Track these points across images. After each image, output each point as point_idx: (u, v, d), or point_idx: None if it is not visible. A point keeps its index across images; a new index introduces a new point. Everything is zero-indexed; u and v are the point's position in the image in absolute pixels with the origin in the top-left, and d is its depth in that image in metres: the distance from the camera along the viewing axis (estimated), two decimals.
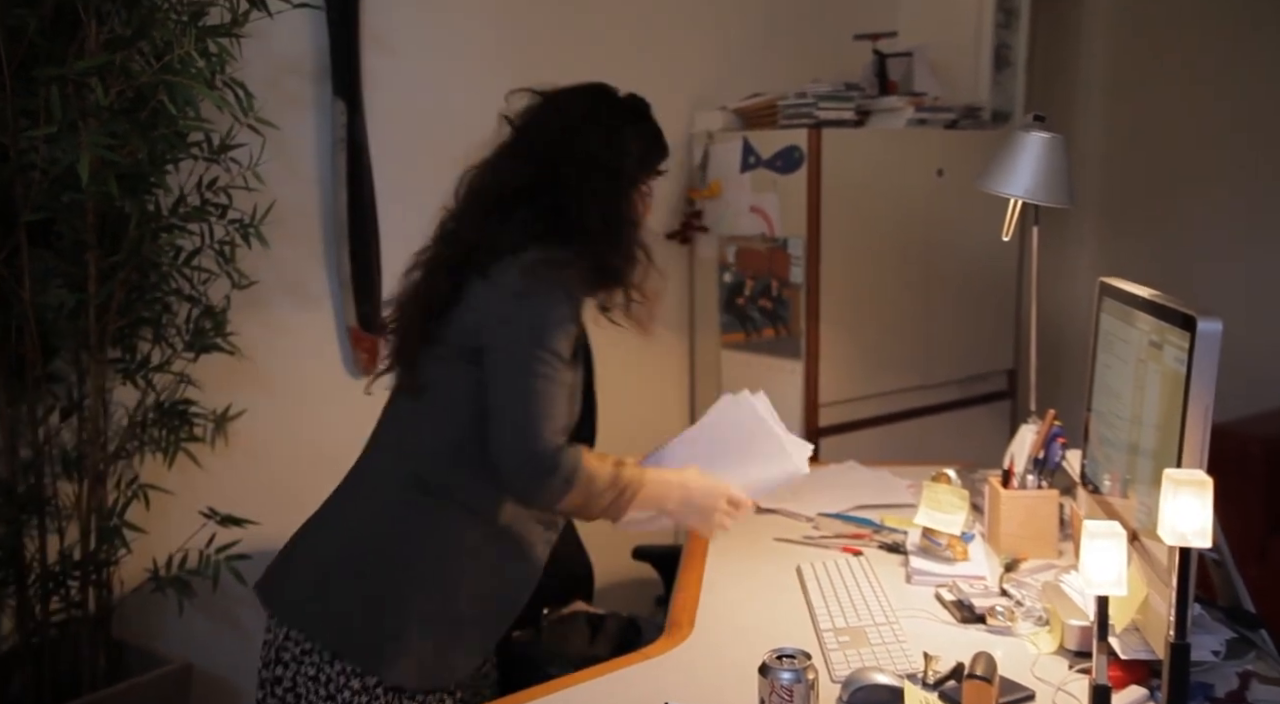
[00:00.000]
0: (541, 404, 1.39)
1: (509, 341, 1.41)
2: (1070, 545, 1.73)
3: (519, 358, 1.40)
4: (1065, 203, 1.86)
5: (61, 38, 1.82)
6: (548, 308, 1.41)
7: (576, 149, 1.49)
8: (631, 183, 1.52)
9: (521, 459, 1.39)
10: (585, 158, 1.48)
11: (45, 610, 1.98)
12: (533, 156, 1.50)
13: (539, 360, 1.39)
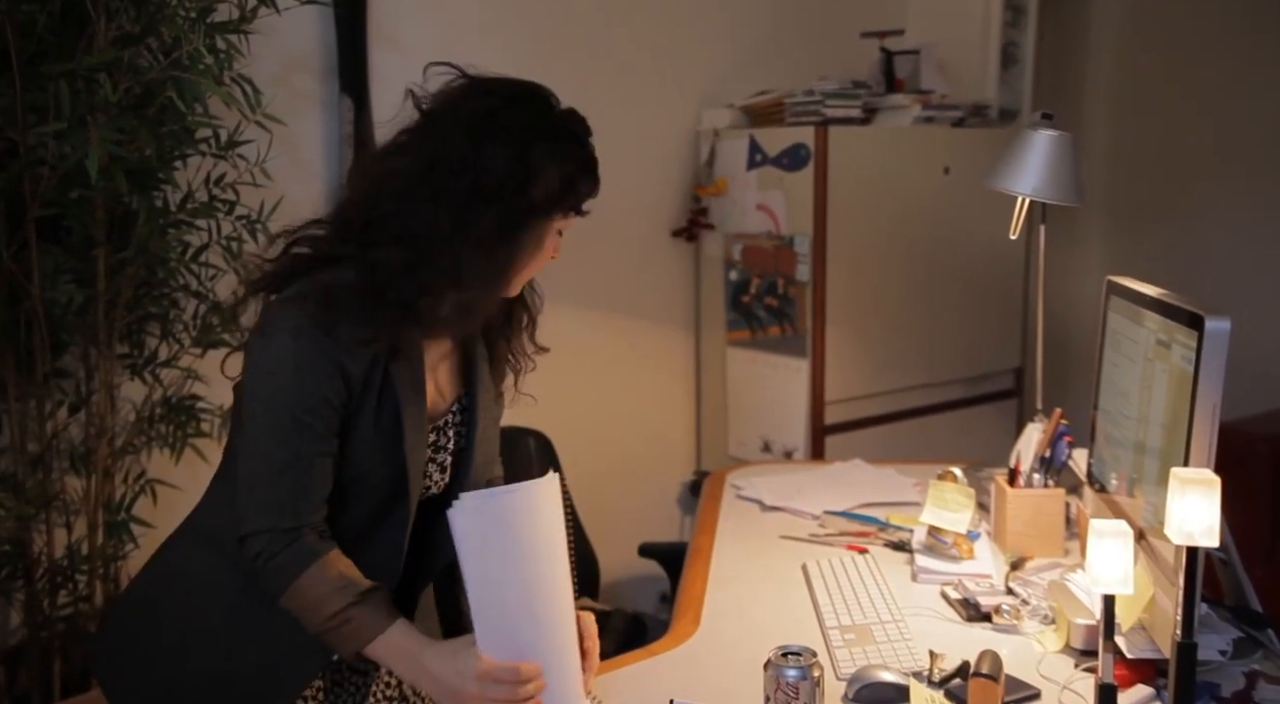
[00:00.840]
0: (250, 479, 1.19)
1: (245, 388, 1.22)
2: (1076, 544, 1.73)
3: (246, 410, 1.20)
4: (1074, 201, 1.86)
5: (70, 34, 1.82)
6: (286, 355, 1.17)
7: (479, 157, 1.20)
8: (533, 213, 1.23)
9: (242, 531, 1.19)
10: (481, 171, 1.20)
11: (53, 605, 1.99)
12: (423, 153, 1.23)
13: (262, 420, 1.18)
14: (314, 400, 1.18)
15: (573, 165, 1.25)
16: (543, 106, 1.28)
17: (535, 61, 2.75)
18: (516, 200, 1.20)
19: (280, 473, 1.18)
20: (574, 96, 3.10)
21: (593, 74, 2.86)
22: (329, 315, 1.17)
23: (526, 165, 1.21)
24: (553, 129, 1.26)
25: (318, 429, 1.18)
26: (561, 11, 2.79)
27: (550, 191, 1.23)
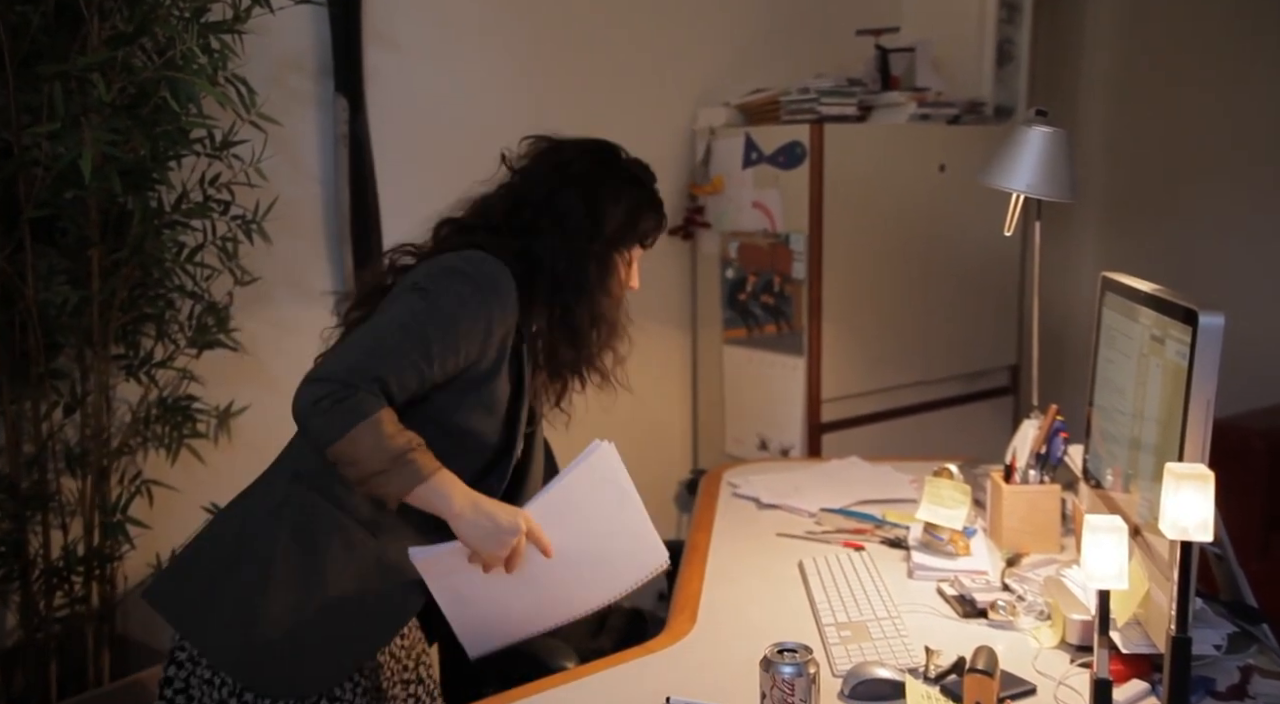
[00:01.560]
0: (375, 340, 1.32)
1: (401, 290, 1.38)
2: (1072, 540, 1.73)
3: (394, 301, 1.37)
4: (1068, 198, 1.86)
5: (64, 34, 1.82)
6: (461, 281, 1.36)
7: (556, 203, 1.47)
8: (607, 247, 1.49)
9: (315, 375, 1.29)
10: (560, 214, 1.46)
11: (49, 606, 1.99)
12: (516, 202, 1.49)
13: (410, 307, 1.34)
14: (462, 329, 1.35)
15: (633, 202, 1.51)
16: (614, 157, 1.56)
17: (532, 60, 2.76)
18: (601, 237, 1.47)
19: (382, 354, 1.30)
20: (570, 95, 3.13)
21: (589, 73, 2.86)
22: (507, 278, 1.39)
23: (593, 205, 1.47)
24: (615, 174, 1.53)
25: (438, 351, 1.33)
26: (558, 10, 2.79)
27: (615, 227, 1.48)
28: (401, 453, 1.27)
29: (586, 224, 1.46)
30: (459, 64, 2.65)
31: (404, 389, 1.32)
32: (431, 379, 1.35)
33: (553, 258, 1.44)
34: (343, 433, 1.25)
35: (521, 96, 2.75)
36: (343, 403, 1.26)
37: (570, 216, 1.45)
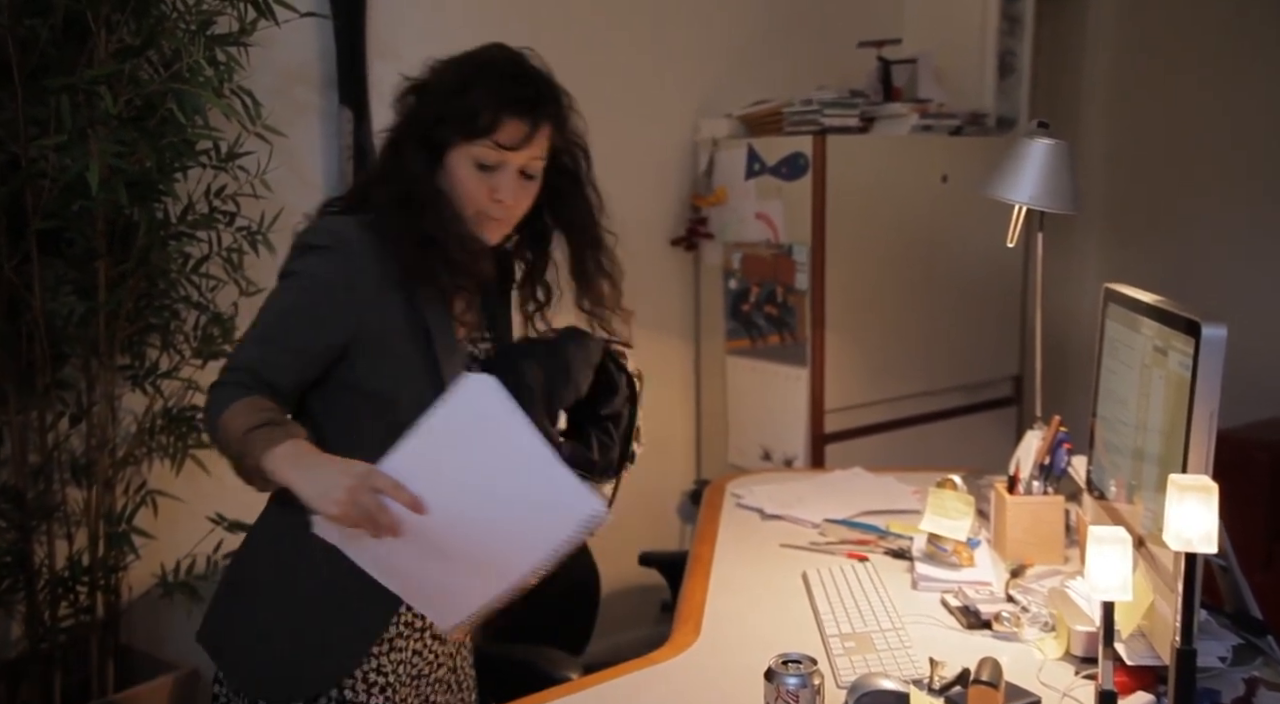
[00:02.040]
0: (250, 332, 1.30)
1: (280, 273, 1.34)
2: (1076, 551, 1.73)
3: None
4: (1070, 209, 1.87)
5: (71, 47, 1.83)
6: (309, 254, 1.30)
7: (409, 104, 1.36)
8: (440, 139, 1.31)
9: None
10: (406, 113, 1.35)
11: (54, 616, 1.99)
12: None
13: (274, 293, 1.31)
14: (319, 299, 1.28)
15: (475, 92, 1.31)
16: (473, 52, 1.38)
17: None
18: (425, 129, 1.31)
19: (253, 342, 1.29)
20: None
21: (591, 84, 2.85)
22: (352, 235, 1.30)
23: (432, 96, 1.33)
24: (463, 63, 1.36)
25: (303, 327, 1.29)
26: (560, 21, 2.80)
27: (447, 116, 1.30)
28: (247, 432, 1.20)
29: (404, 125, 1.34)
30: None
31: (286, 371, 1.28)
32: (317, 352, 1.29)
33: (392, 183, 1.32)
34: (212, 430, 1.24)
35: None
36: (209, 405, 1.25)
37: (413, 114, 1.34)
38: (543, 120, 1.34)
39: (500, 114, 1.30)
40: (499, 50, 1.39)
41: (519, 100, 1.31)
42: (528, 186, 1.36)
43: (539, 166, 1.36)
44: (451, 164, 1.32)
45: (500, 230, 1.37)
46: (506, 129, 1.30)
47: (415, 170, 1.32)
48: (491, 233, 1.36)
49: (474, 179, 1.32)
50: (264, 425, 1.20)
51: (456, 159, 1.32)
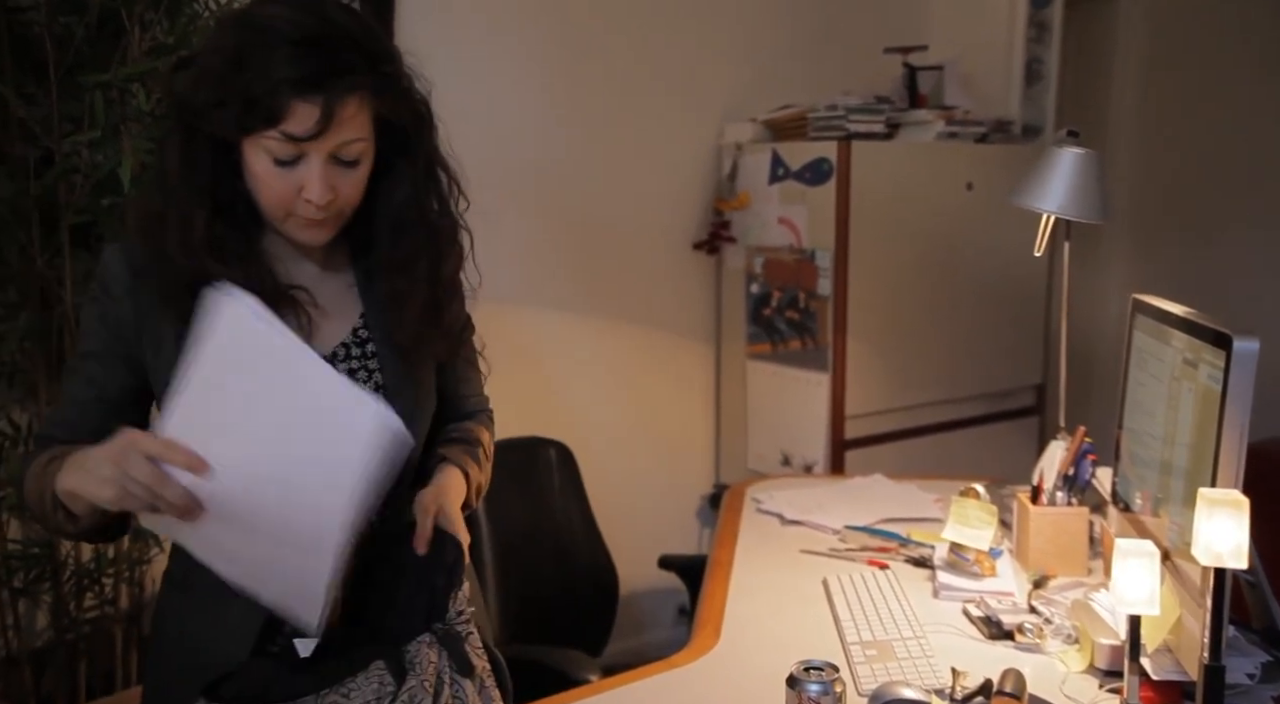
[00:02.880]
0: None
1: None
2: (1100, 563, 1.72)
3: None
4: (1099, 219, 1.86)
5: (105, 45, 1.85)
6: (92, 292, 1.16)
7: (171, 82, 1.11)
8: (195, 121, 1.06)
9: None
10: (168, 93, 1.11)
11: (79, 607, 2.01)
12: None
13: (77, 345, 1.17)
14: (93, 338, 1.15)
15: (249, 70, 1.01)
16: (249, 7, 1.07)
17: (558, 75, 2.78)
18: (192, 118, 1.07)
19: (60, 404, 1.17)
20: (596, 110, 3.15)
21: (615, 88, 2.88)
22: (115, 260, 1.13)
23: (201, 75, 1.05)
24: (236, 26, 1.05)
25: (89, 371, 1.14)
26: (584, 24, 2.81)
27: (219, 102, 1.03)
28: (39, 475, 1.08)
29: (170, 113, 1.10)
30: (485, 79, 2.67)
31: (75, 425, 1.14)
32: (113, 396, 1.15)
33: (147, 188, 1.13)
34: (23, 501, 1.11)
35: (547, 112, 2.77)
36: (24, 479, 1.12)
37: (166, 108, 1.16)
38: (344, 95, 1.04)
39: (283, 97, 1.01)
40: (279, 5, 1.05)
41: (305, 77, 1.02)
42: (349, 175, 1.10)
43: (359, 148, 1.09)
44: (246, 158, 1.07)
45: (323, 230, 1.13)
46: (295, 115, 1.02)
47: (172, 169, 1.09)
48: (311, 234, 1.13)
49: (273, 176, 1.07)
50: (52, 460, 1.07)
51: (249, 152, 1.07)
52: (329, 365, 1.03)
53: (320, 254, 1.20)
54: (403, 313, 1.19)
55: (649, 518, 3.03)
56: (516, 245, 2.76)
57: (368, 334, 1.21)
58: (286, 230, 1.13)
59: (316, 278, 1.20)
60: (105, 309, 1.14)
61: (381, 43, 1.10)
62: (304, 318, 1.16)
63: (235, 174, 1.10)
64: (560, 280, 2.86)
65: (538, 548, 2.26)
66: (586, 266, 2.91)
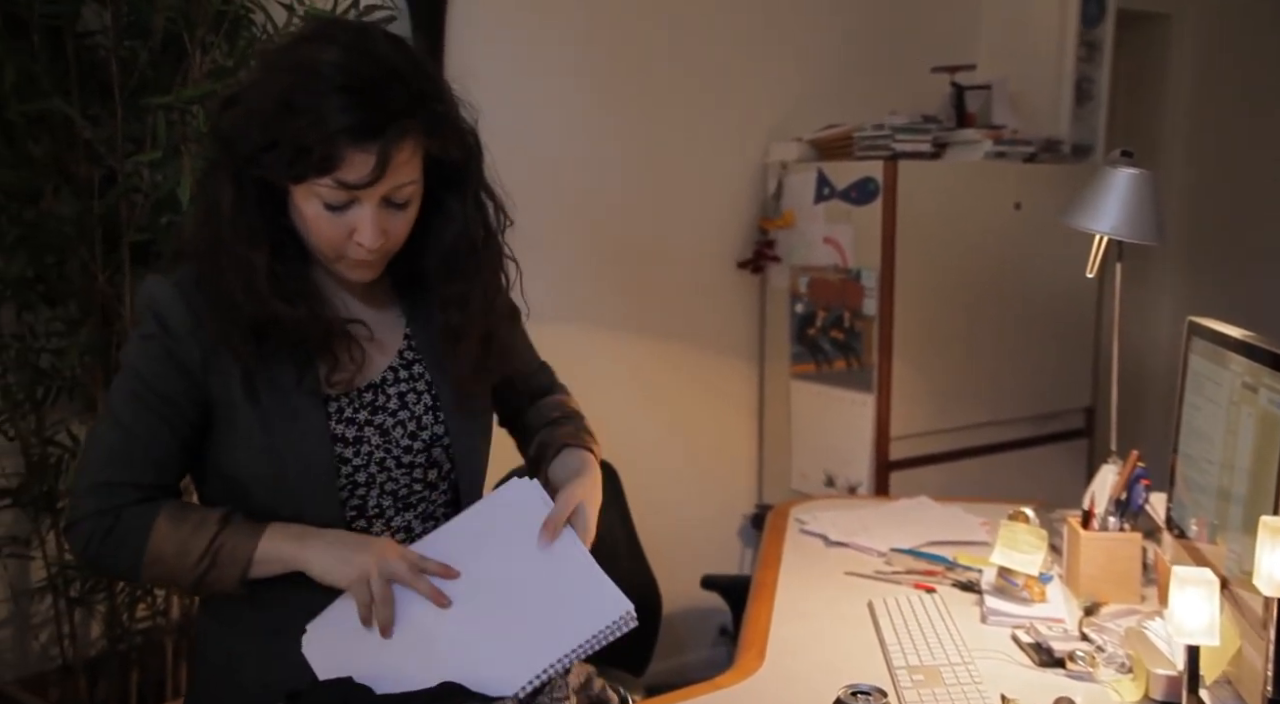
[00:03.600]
0: (90, 446, 1.14)
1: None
2: (1154, 591, 1.69)
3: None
4: (1154, 240, 1.83)
5: (167, 68, 1.90)
6: (134, 336, 1.14)
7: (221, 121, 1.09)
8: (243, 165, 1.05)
9: (68, 522, 1.13)
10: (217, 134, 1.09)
11: (132, 618, 2.04)
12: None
13: (111, 395, 1.14)
14: (150, 376, 1.11)
15: (300, 117, 1.00)
16: (295, 49, 1.06)
17: (604, 93, 2.81)
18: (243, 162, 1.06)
19: (111, 452, 1.11)
20: (642, 128, 3.16)
21: (661, 107, 2.90)
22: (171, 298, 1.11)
23: (249, 118, 1.04)
24: (282, 67, 1.04)
25: (154, 412, 1.11)
26: (631, 43, 2.83)
27: (270, 147, 1.02)
28: (210, 540, 1.08)
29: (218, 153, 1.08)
30: (532, 100, 2.70)
31: (163, 464, 1.13)
32: (182, 435, 1.13)
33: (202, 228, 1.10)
34: (137, 561, 1.08)
35: (593, 130, 2.79)
36: (112, 533, 1.09)
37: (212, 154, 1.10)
38: (398, 141, 1.04)
39: (338, 146, 1.01)
40: (332, 45, 1.03)
41: (360, 126, 1.01)
42: (398, 217, 1.10)
43: (410, 191, 1.09)
44: (296, 201, 1.07)
45: (373, 269, 1.14)
46: (350, 163, 1.02)
47: (226, 212, 1.07)
48: (361, 273, 1.14)
49: (324, 220, 1.07)
50: (229, 523, 1.09)
51: (299, 196, 1.07)
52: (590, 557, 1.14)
53: (364, 285, 1.20)
54: (458, 346, 1.20)
55: (691, 537, 3.03)
56: (561, 263, 2.78)
57: (413, 356, 1.23)
58: (336, 269, 1.14)
59: (362, 309, 1.21)
60: (170, 347, 1.11)
61: (431, 78, 1.09)
62: (357, 352, 1.17)
63: (282, 211, 1.11)
64: (604, 299, 2.88)
65: None
66: (631, 285, 2.92)
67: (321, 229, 1.08)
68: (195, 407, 1.13)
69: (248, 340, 1.09)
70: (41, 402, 1.96)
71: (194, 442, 1.15)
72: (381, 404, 1.19)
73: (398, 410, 1.20)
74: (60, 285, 1.93)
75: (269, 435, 1.12)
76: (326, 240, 1.09)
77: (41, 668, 2.09)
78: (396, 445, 1.19)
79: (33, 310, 1.98)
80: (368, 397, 1.18)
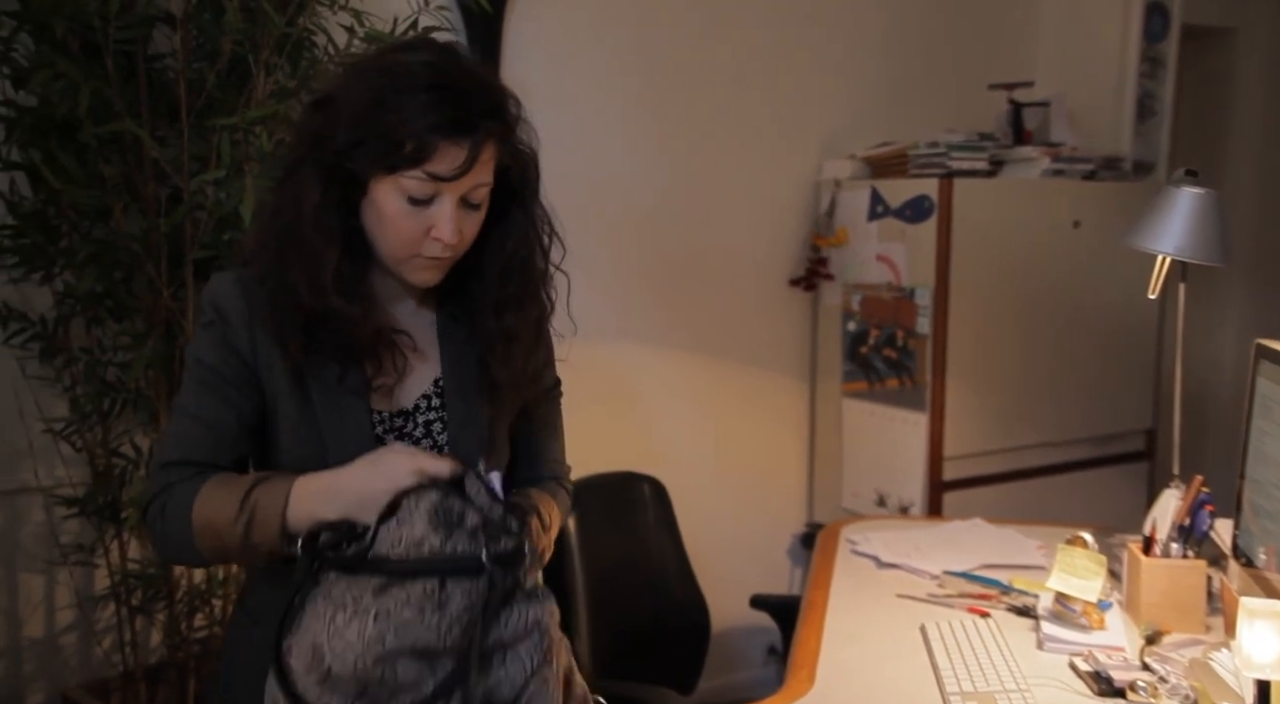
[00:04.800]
0: (171, 424, 1.18)
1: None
2: (1219, 620, 1.64)
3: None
4: (1220, 261, 1.79)
5: (232, 89, 1.96)
6: (196, 327, 1.19)
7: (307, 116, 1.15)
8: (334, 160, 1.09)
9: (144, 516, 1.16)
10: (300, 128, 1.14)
11: (190, 627, 2.08)
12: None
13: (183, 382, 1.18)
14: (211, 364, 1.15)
15: (396, 112, 1.06)
16: (388, 55, 1.12)
17: (657, 111, 2.82)
18: (333, 156, 1.09)
19: (177, 435, 1.15)
20: (695, 146, 3.17)
21: (714, 124, 2.90)
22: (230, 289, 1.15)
23: (342, 115, 1.08)
24: (377, 70, 1.09)
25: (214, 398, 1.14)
26: (683, 60, 2.84)
27: (362, 141, 1.07)
28: (246, 493, 1.09)
29: (305, 149, 1.12)
30: (586, 117, 2.72)
31: (220, 443, 1.15)
32: (249, 419, 1.16)
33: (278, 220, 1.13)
34: (188, 531, 1.10)
35: (646, 147, 2.81)
36: (165, 509, 1.12)
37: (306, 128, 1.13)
38: (486, 138, 1.10)
39: (431, 138, 1.07)
40: (420, 51, 1.12)
41: (455, 120, 1.07)
42: (472, 217, 1.14)
43: (484, 192, 1.14)
44: (375, 198, 1.11)
45: (439, 272, 1.17)
46: (441, 156, 1.07)
47: (308, 207, 1.11)
48: (428, 276, 1.17)
49: (405, 215, 1.10)
50: (256, 484, 1.10)
51: (381, 192, 1.10)
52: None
53: (417, 293, 1.23)
54: (511, 348, 1.22)
55: (740, 555, 3.01)
56: (612, 280, 2.80)
57: (445, 388, 1.24)
58: (403, 270, 1.16)
59: (411, 316, 1.24)
60: (226, 335, 1.15)
61: (507, 91, 1.15)
62: (400, 360, 1.20)
63: (354, 214, 1.15)
64: (655, 315, 2.88)
65: (630, 583, 2.27)
66: (682, 302, 2.92)
67: (401, 225, 1.11)
68: (252, 388, 1.16)
69: (299, 335, 1.13)
70: (108, 413, 2.01)
71: (254, 421, 1.18)
72: (409, 431, 1.22)
73: (422, 439, 1.23)
74: (127, 300, 1.98)
75: (313, 425, 1.15)
76: (404, 237, 1.12)
77: (104, 674, 2.14)
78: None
79: (101, 325, 2.04)
80: (398, 421, 1.21)
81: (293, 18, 1.93)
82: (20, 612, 2.13)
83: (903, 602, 1.82)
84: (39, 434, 2.06)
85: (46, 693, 2.15)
